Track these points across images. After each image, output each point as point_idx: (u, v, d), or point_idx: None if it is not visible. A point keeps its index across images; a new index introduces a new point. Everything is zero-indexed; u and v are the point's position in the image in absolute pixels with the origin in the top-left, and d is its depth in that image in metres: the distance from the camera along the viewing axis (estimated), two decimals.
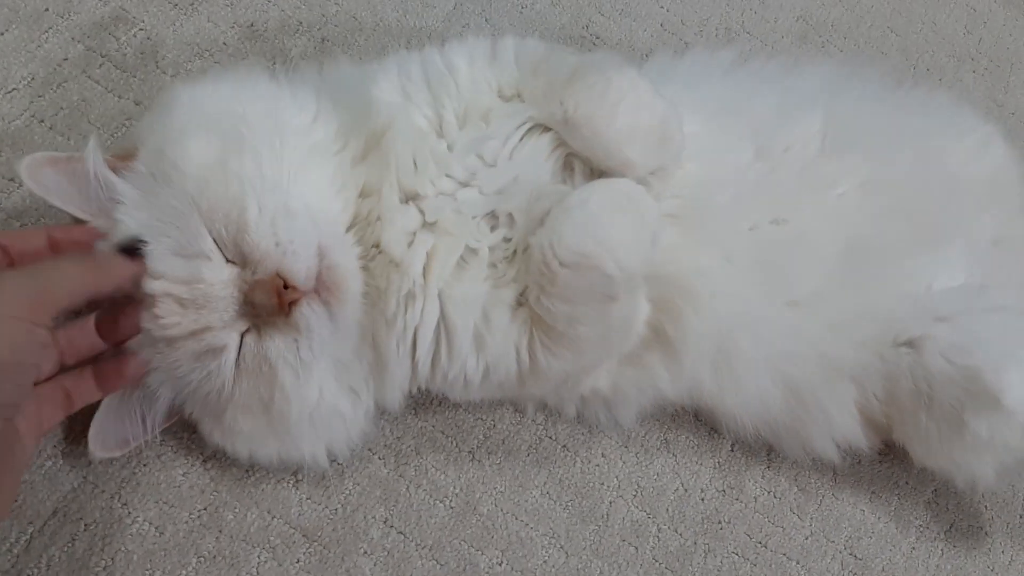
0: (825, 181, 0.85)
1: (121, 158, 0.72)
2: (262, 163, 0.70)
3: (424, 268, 0.73)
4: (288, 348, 0.70)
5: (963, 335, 0.83)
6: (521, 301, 0.75)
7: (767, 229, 0.82)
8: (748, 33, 1.18)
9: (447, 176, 0.75)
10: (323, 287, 0.69)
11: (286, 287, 0.67)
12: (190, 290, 0.67)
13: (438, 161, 0.74)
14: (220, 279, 0.68)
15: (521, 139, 0.76)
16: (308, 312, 0.69)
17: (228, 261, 0.69)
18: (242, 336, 0.70)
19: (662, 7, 1.15)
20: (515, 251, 0.76)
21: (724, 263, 0.80)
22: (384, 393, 0.78)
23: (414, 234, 0.74)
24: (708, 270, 0.79)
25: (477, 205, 0.75)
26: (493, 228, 0.76)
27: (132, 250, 0.67)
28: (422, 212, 0.74)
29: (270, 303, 0.67)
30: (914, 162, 0.88)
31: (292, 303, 0.68)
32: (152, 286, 0.68)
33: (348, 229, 0.74)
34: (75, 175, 0.70)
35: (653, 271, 0.75)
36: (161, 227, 0.68)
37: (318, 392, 0.73)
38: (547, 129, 0.76)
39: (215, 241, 0.68)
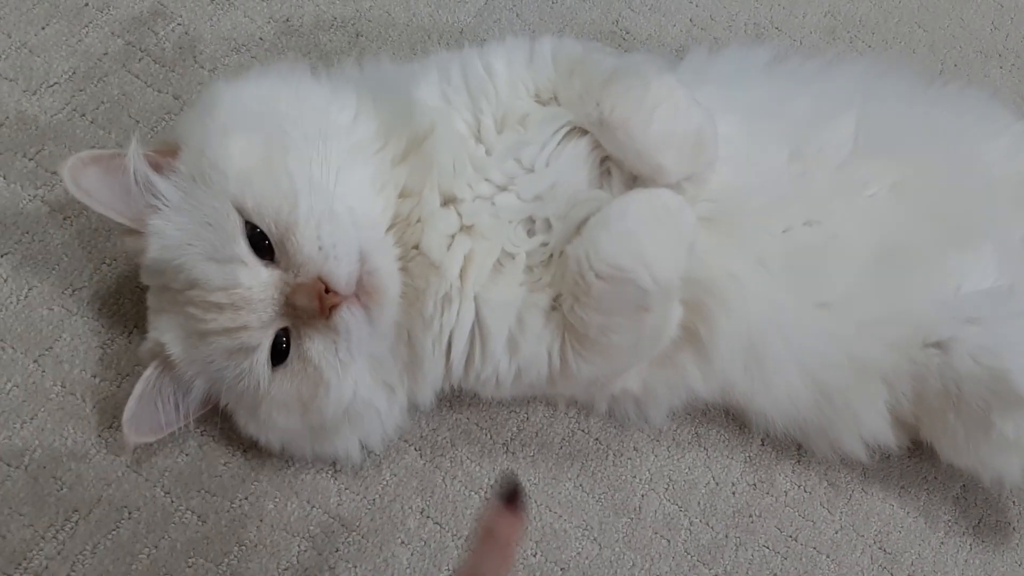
0: (858, 182, 0.85)
1: (162, 153, 0.72)
2: (311, 163, 0.70)
3: (461, 271, 0.74)
4: (327, 349, 0.71)
5: (992, 337, 0.83)
6: (555, 306, 0.76)
7: (800, 231, 0.82)
8: (777, 29, 1.18)
9: (485, 180, 0.75)
10: (363, 291, 0.70)
11: (327, 291, 0.68)
12: (228, 295, 0.68)
13: (476, 166, 0.75)
14: (258, 282, 0.68)
15: (559, 144, 0.76)
16: (348, 316, 0.69)
17: (269, 263, 0.69)
18: (278, 335, 0.70)
19: (692, 3, 1.15)
20: (551, 256, 0.76)
21: (756, 266, 0.81)
22: (417, 390, 0.79)
23: (453, 237, 0.74)
24: (740, 273, 0.79)
25: (515, 210, 0.75)
26: (531, 233, 0.76)
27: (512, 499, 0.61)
28: (460, 215, 0.75)
29: (311, 307, 0.68)
30: (947, 162, 0.87)
31: (333, 307, 0.68)
32: (188, 295, 0.69)
33: (388, 230, 0.75)
34: (118, 172, 0.70)
35: (686, 275, 0.75)
36: (197, 230, 0.69)
37: (353, 389, 0.74)
38: (584, 133, 0.76)
39: (254, 241, 0.68)
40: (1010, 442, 0.83)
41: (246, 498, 0.83)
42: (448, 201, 0.75)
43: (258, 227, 0.68)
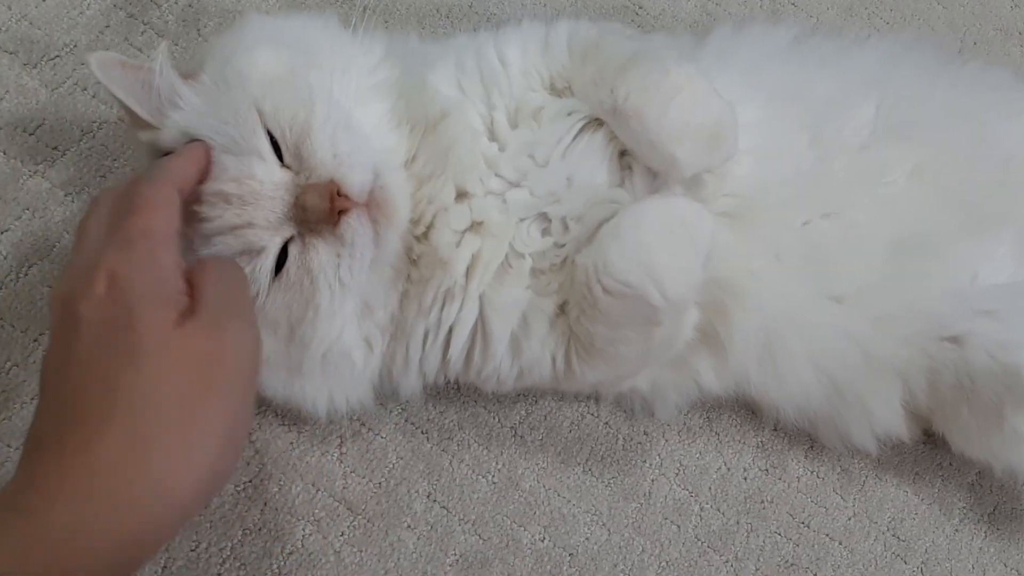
0: (877, 167, 0.83)
1: (184, 76, 0.72)
2: (332, 82, 0.70)
3: (468, 269, 0.73)
4: (330, 263, 0.68)
5: (1007, 331, 0.82)
6: (560, 312, 0.74)
7: (819, 224, 0.81)
8: (793, 5, 1.16)
9: (496, 176, 0.73)
10: (374, 204, 0.68)
11: (339, 194, 0.66)
12: (239, 186, 0.66)
13: (488, 162, 0.73)
14: (271, 179, 0.67)
15: (574, 138, 0.74)
16: (356, 224, 0.67)
17: (283, 166, 0.68)
18: (285, 245, 0.68)
19: None
20: (565, 259, 0.74)
21: (774, 261, 0.79)
22: (395, 367, 0.77)
23: (463, 234, 0.73)
24: (759, 269, 0.78)
25: (526, 207, 0.73)
26: (545, 233, 0.74)
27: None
28: (471, 211, 0.73)
29: (321, 206, 0.65)
30: (968, 144, 0.85)
31: (342, 212, 0.66)
32: (196, 189, 0.67)
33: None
34: (141, 80, 0.70)
35: (704, 277, 0.73)
36: (216, 126, 0.68)
37: (340, 330, 0.72)
38: (601, 125, 0.74)
39: (273, 143, 0.68)
40: (1022, 436, 0.82)
41: (249, 481, 0.82)
42: (460, 195, 0.73)
43: (274, 136, 0.67)
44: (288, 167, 0.68)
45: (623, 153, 0.74)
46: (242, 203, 0.66)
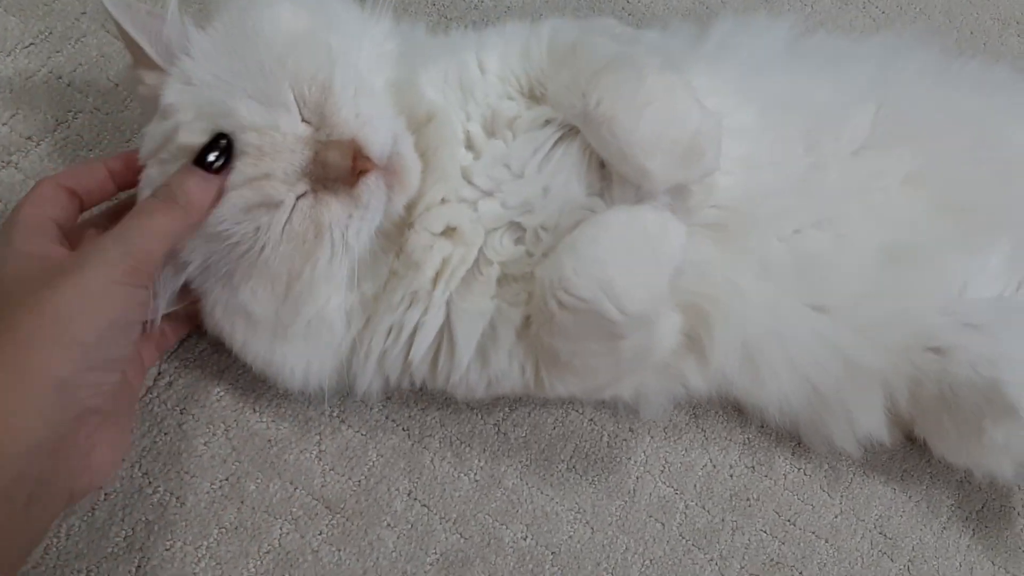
0: (871, 173, 0.81)
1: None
2: (350, 45, 0.69)
3: (436, 274, 0.72)
4: (340, 222, 0.67)
5: (991, 346, 0.81)
6: (527, 323, 0.73)
7: (809, 233, 0.80)
8: None
9: (469, 184, 0.72)
10: (390, 170, 0.67)
11: (360, 155, 0.65)
12: (260, 136, 0.64)
13: (463, 171, 0.72)
14: (294, 132, 0.65)
15: (551, 148, 0.72)
16: (374, 186, 0.66)
17: (303, 120, 0.67)
18: (297, 199, 0.67)
19: None
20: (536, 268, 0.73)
21: (759, 272, 0.78)
22: (358, 354, 0.75)
23: (436, 237, 0.72)
24: (742, 280, 0.77)
25: (496, 218, 0.72)
26: (518, 243, 0.73)
27: (212, 158, 0.64)
28: (447, 215, 0.72)
29: (343, 165, 0.64)
30: (966, 148, 0.84)
31: (362, 172, 0.65)
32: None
33: None
34: (152, 26, 0.68)
35: (684, 286, 0.72)
36: (239, 72, 0.66)
37: (330, 296, 0.71)
38: (579, 133, 0.72)
39: (296, 99, 0.66)
40: (1000, 447, 0.83)
41: (226, 479, 0.80)
42: (442, 199, 0.72)
43: (293, 92, 0.66)
44: (308, 122, 0.67)
45: (601, 161, 0.72)
46: (259, 155, 0.65)
